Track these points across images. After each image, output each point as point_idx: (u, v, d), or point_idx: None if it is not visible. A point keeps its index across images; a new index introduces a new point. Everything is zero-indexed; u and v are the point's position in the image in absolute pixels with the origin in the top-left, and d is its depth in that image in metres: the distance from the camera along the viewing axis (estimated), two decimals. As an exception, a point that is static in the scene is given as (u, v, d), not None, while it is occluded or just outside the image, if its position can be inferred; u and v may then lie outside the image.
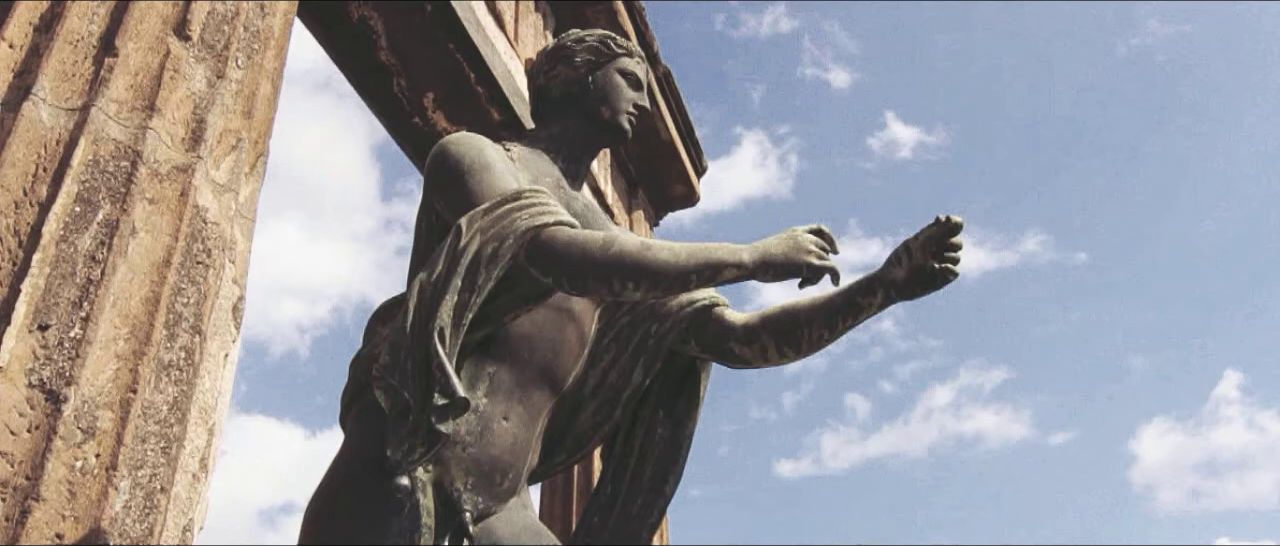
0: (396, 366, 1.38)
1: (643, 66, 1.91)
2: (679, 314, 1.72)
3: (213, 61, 2.27)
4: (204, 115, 2.19)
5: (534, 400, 1.60)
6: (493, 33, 4.38)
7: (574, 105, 1.83)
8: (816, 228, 1.56)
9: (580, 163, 1.84)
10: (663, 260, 1.47)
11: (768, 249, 1.50)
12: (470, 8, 4.08)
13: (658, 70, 5.80)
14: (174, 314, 1.97)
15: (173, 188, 2.06)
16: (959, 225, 1.57)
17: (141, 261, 1.93)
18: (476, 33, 4.10)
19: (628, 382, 1.70)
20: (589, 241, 1.48)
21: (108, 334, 1.83)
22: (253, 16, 2.46)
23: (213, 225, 2.14)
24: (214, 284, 2.10)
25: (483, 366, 1.56)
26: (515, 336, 1.58)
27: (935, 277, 1.59)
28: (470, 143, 1.66)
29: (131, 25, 2.14)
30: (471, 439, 1.52)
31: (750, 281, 1.52)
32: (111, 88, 2.05)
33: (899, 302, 1.63)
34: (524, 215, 1.48)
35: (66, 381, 1.73)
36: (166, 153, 2.08)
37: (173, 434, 1.90)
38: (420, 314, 1.40)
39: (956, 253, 1.58)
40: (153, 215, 1.99)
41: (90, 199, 1.91)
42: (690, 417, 1.78)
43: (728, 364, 1.76)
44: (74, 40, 2.08)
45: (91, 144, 1.96)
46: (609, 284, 1.47)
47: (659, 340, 1.71)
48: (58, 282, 1.80)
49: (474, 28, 4.06)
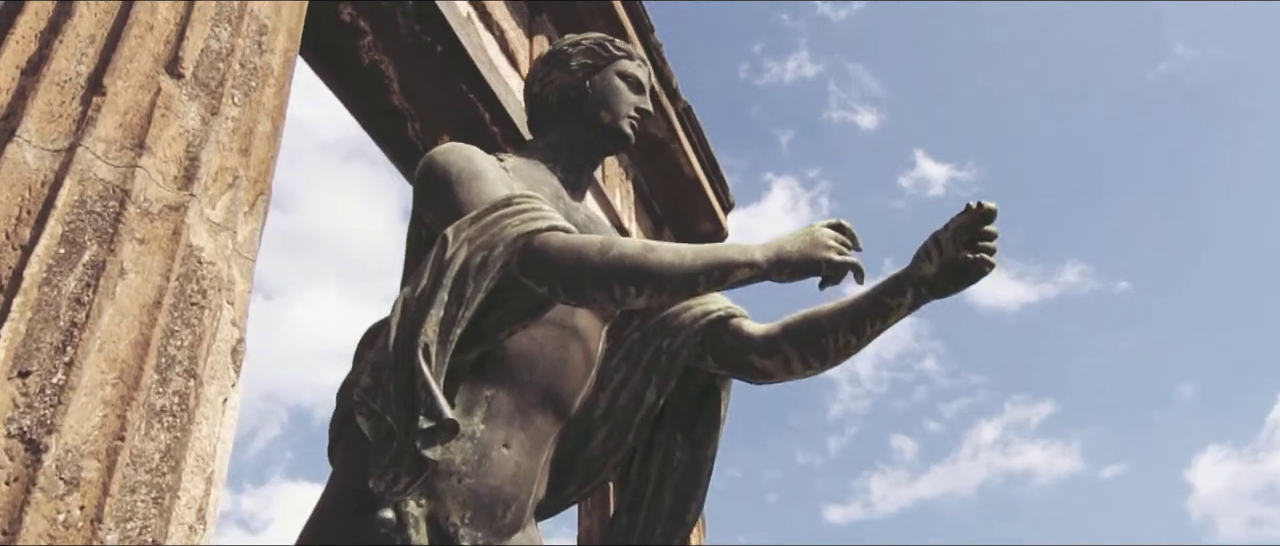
0: (378, 388, 1.27)
1: (644, 69, 1.80)
2: (692, 326, 1.59)
3: (207, 99, 2.21)
4: (197, 153, 2.11)
5: (537, 425, 1.47)
6: (506, 70, 4.33)
7: (572, 112, 1.72)
8: (836, 222, 1.43)
9: (581, 172, 1.72)
10: (667, 262, 1.35)
11: (783, 246, 1.38)
12: (481, 46, 4.03)
13: (678, 105, 5.72)
14: (166, 357, 1.87)
15: (164, 227, 1.97)
16: (992, 211, 1.43)
17: (130, 303, 1.84)
18: (489, 72, 4.04)
19: (640, 404, 1.57)
20: (586, 246, 1.36)
21: (94, 379, 1.73)
22: (249, 54, 2.40)
23: (208, 265, 2.05)
24: (210, 325, 2.01)
25: (479, 390, 1.43)
26: (514, 356, 1.46)
27: (969, 270, 1.44)
28: (460, 151, 1.56)
29: (121, 64, 2.08)
30: (468, 468, 1.39)
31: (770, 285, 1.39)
32: (99, 127, 1.98)
33: (931, 300, 1.48)
34: (515, 221, 1.36)
35: (48, 430, 1.63)
36: (158, 191, 2.00)
37: (165, 483, 1.79)
38: (403, 331, 1.29)
39: (991, 242, 1.44)
40: (143, 255, 1.91)
41: (75, 240, 1.83)
42: (710, 439, 1.63)
43: (748, 378, 1.62)
44: (61, 81, 2.03)
45: (77, 184, 1.89)
46: (609, 290, 1.34)
47: (672, 356, 1.58)
48: (40, 327, 1.71)
49: (486, 67, 4.01)
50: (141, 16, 2.18)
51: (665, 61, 5.59)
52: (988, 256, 1.43)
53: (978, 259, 1.43)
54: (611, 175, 5.42)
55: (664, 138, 5.70)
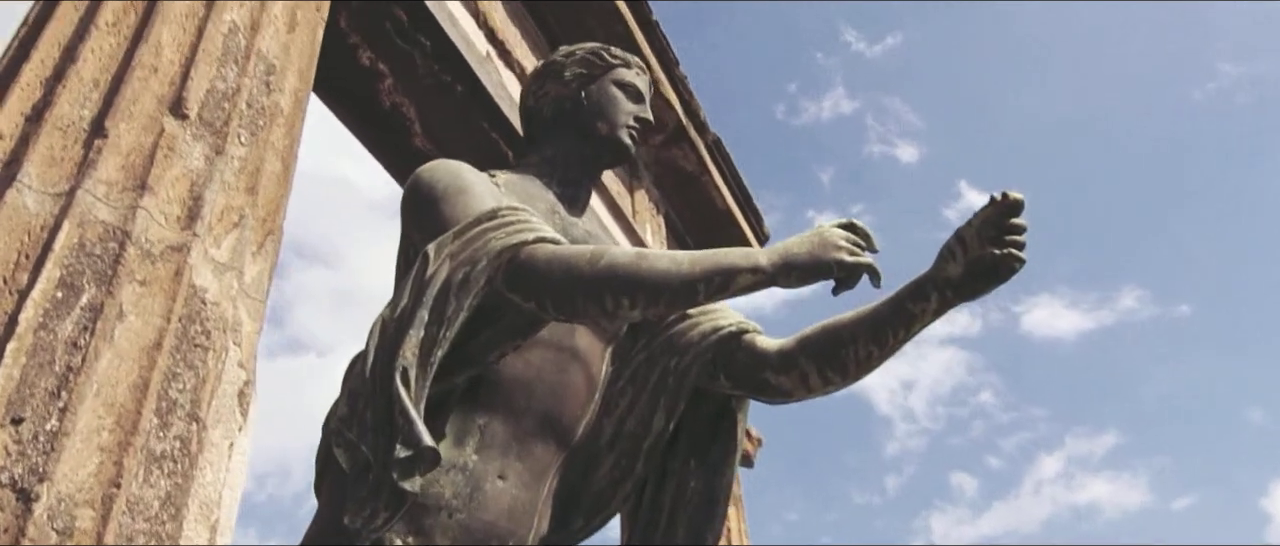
0: (354, 417, 1.19)
1: (644, 78, 1.72)
2: (701, 344, 1.49)
3: (212, 138, 2.18)
4: (201, 192, 2.08)
5: (536, 455, 1.38)
6: (529, 110, 4.30)
7: (567, 123, 1.65)
8: (847, 221, 1.33)
9: (579, 186, 1.64)
10: (662, 269, 1.26)
11: (789, 249, 1.28)
12: (501, 83, 4.00)
13: (707, 138, 5.66)
14: (167, 401, 1.82)
15: (166, 267, 1.93)
16: (1019, 202, 1.32)
17: (130, 346, 1.80)
18: (511, 109, 4.01)
19: (648, 430, 1.47)
20: (575, 257, 1.28)
21: (90, 425, 1.68)
22: (257, 93, 2.37)
23: (212, 305, 2.00)
24: (214, 368, 1.95)
25: (471, 418, 1.35)
26: (509, 381, 1.37)
27: (998, 268, 1.33)
28: (446, 167, 1.50)
29: (123, 106, 2.06)
30: (459, 503, 1.30)
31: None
32: (100, 169, 1.95)
33: (958, 304, 1.37)
34: (499, 235, 1.29)
35: (40, 478, 1.57)
36: (159, 232, 1.96)
37: (165, 531, 1.72)
38: (381, 354, 1.21)
39: (1020, 235, 1.33)
40: (143, 297, 1.86)
41: (73, 283, 1.79)
42: (726, 465, 1.53)
43: (764, 398, 1.52)
44: (64, 125, 2.01)
45: (76, 227, 1.85)
46: (601, 302, 1.26)
47: (680, 377, 1.47)
48: (34, 372, 1.67)
49: (507, 104, 3.98)
50: (145, 59, 2.17)
51: (692, 94, 5.54)
52: (1017, 251, 1.32)
53: (1006, 255, 1.31)
54: (642, 210, 5.36)
55: (694, 171, 5.63)
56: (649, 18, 5.12)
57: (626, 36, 4.98)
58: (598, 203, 4.78)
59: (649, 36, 5.12)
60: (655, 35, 5.18)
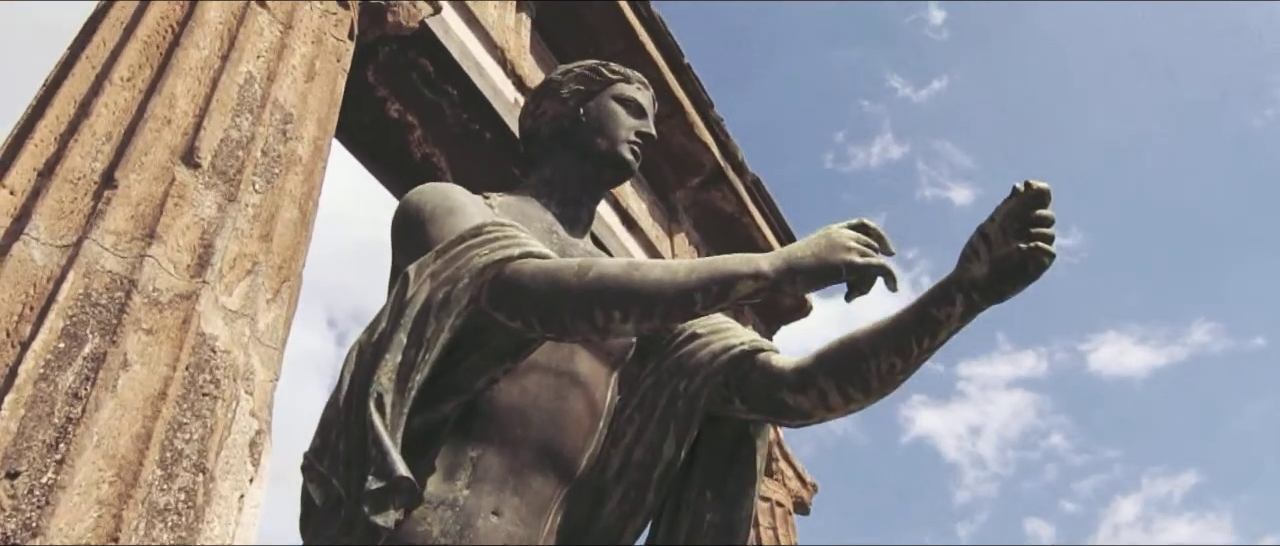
0: (326, 448, 1.11)
1: (645, 93, 1.64)
2: (712, 365, 1.39)
3: (225, 186, 2.15)
4: (212, 240, 2.05)
5: (535, 489, 1.29)
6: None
7: (565, 142, 1.57)
8: (858, 222, 1.23)
9: (579, 205, 1.56)
10: (655, 279, 1.17)
11: (793, 252, 1.18)
12: (531, 130, 3.98)
13: (746, 179, 5.58)
14: (172, 451, 1.76)
15: (174, 316, 1.89)
16: (1044, 191, 1.21)
17: (134, 396, 1.75)
18: (541, 155, 3.97)
19: (658, 459, 1.36)
20: (562, 269, 1.20)
21: (89, 478, 1.63)
22: (273, 141, 2.36)
23: (222, 353, 1.95)
24: (223, 417, 1.90)
25: (463, 450, 1.26)
26: (503, 410, 1.28)
27: (1025, 264, 1.21)
28: (436, 188, 1.43)
29: (134, 157, 2.05)
30: (448, 541, 1.20)
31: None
32: (108, 219, 1.93)
33: (986, 307, 1.25)
34: (484, 251, 1.21)
35: (33, 533, 1.52)
36: (168, 280, 1.93)
37: (167, 587, 1.65)
38: (355, 381, 1.13)
39: (1048, 228, 1.21)
40: (149, 346, 1.82)
41: (76, 333, 1.76)
42: (745, 496, 1.41)
43: (783, 421, 1.41)
44: (74, 178, 2.00)
45: (82, 277, 1.83)
46: (590, 317, 1.17)
47: (690, 400, 1.37)
48: (32, 425, 1.62)
49: (538, 150, 3.94)
50: (158, 110, 2.16)
51: (728, 136, 5.48)
52: (1044, 244, 1.20)
53: (1033, 248, 1.19)
54: (682, 253, 5.27)
55: (734, 212, 5.55)
56: (680, 61, 5.09)
57: (658, 80, 4.95)
58: (633, 245, 4.71)
59: (681, 80, 5.09)
60: (688, 78, 5.14)
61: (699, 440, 1.44)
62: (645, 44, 4.82)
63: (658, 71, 4.95)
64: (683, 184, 5.38)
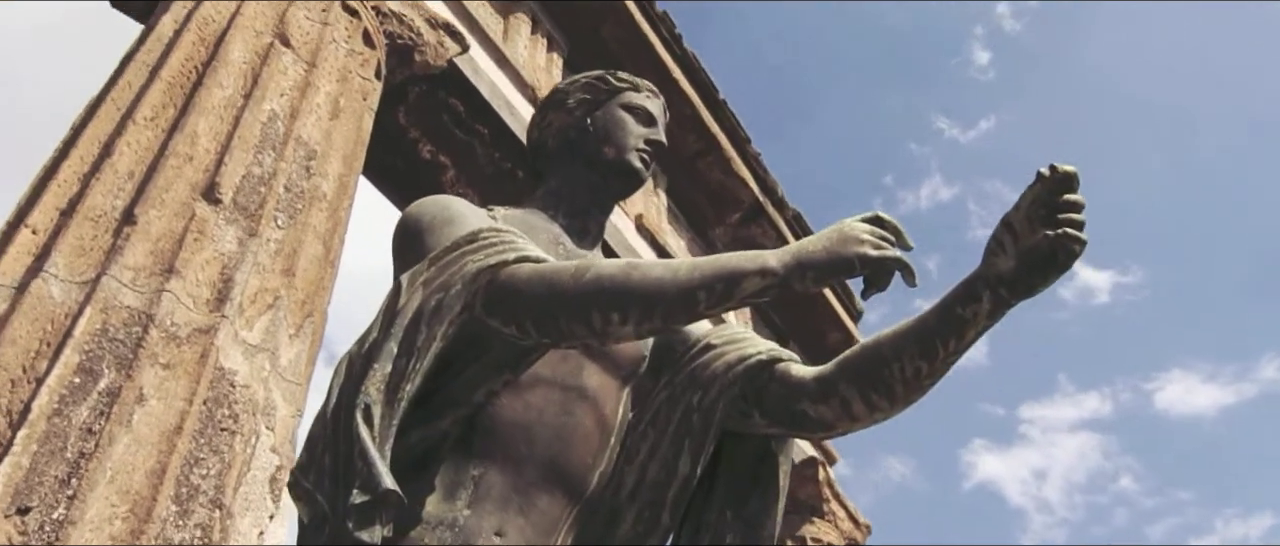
0: (313, 463, 1.05)
1: (656, 102, 1.58)
2: (727, 376, 1.31)
3: (246, 221, 2.14)
4: (232, 274, 2.03)
5: (541, 508, 1.21)
6: (596, 194, 4.23)
7: (572, 152, 1.52)
8: (873, 215, 1.15)
9: (587, 216, 1.50)
10: (655, 278, 1.10)
11: (803, 247, 1.11)
12: (563, 167, 3.95)
13: (786, 214, 5.50)
14: (188, 487, 1.72)
15: (191, 350, 1.87)
16: (1070, 174, 1.12)
17: (149, 430, 1.72)
18: (575, 193, 3.94)
19: (673, 476, 1.28)
20: (558, 272, 1.13)
21: (100, 513, 1.59)
22: (296, 178, 2.35)
23: (242, 388, 1.92)
24: (242, 452, 1.86)
25: (464, 469, 1.19)
26: (506, 426, 1.21)
27: (1055, 253, 1.11)
28: (436, 200, 1.38)
29: (155, 194, 2.05)
30: None
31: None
32: (127, 255, 1.92)
33: (1015, 303, 1.16)
34: (478, 256, 1.15)
35: (41, 570, 1.48)
36: (186, 314, 1.91)
37: (180, 626, 1.60)
38: (343, 394, 1.08)
39: (1077, 213, 1.12)
40: (166, 380, 1.80)
41: (92, 368, 1.73)
42: (767, 516, 1.32)
43: (804, 433, 1.32)
44: (95, 216, 2.00)
45: (99, 312, 1.81)
46: (587, 320, 1.10)
47: (705, 414, 1.29)
48: (45, 460, 1.60)
49: (571, 187, 3.92)
50: (180, 148, 2.16)
51: (767, 171, 5.41)
52: (1073, 230, 1.11)
53: (1062, 235, 1.10)
54: (723, 291, 5.19)
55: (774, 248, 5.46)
56: (715, 96, 5.06)
57: (693, 116, 4.92)
58: (673, 283, 4.64)
59: (717, 115, 5.05)
60: (723, 114, 5.11)
61: (719, 458, 1.36)
62: (679, 80, 4.80)
63: (693, 108, 4.92)
64: (722, 220, 5.32)
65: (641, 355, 1.39)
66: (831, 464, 5.55)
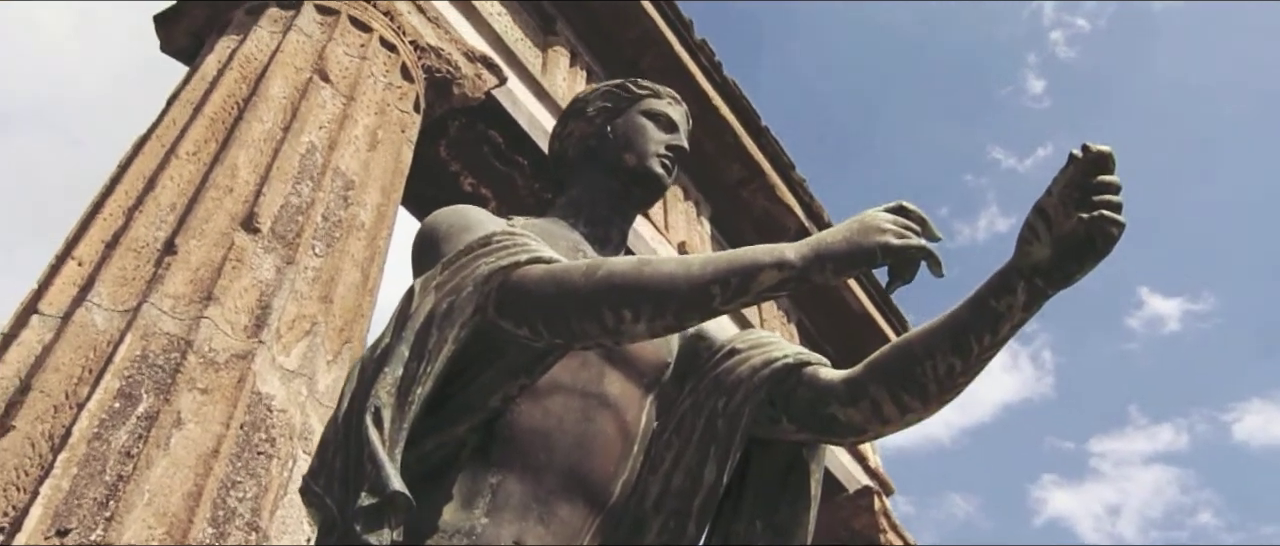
0: (323, 468, 1.04)
1: (678, 109, 1.57)
2: (752, 380, 1.27)
3: (283, 250, 2.17)
4: (270, 301, 2.05)
5: (562, 518, 1.18)
6: (640, 224, 4.23)
7: (593, 160, 1.50)
8: (896, 205, 1.12)
9: (609, 225, 1.48)
10: (667, 273, 1.08)
11: (822, 238, 1.08)
12: (604, 196, 3.96)
13: (833, 239, 5.44)
14: (224, 509, 1.73)
15: (229, 375, 1.89)
16: (1105, 154, 1.08)
17: (186, 453, 1.74)
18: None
19: (698, 485, 1.24)
20: (569, 271, 1.12)
21: (138, 535, 1.60)
22: (334, 207, 2.38)
23: (279, 413, 1.93)
24: (278, 476, 1.87)
25: (482, 477, 1.17)
26: (525, 433, 1.19)
27: (1091, 236, 1.07)
28: (455, 209, 1.38)
29: (195, 225, 2.09)
30: None
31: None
32: (167, 284, 1.96)
33: (1052, 293, 1.12)
34: (490, 258, 1.14)
35: (78, 590, 1.50)
36: (224, 341, 1.93)
37: (215, 648, 1.60)
38: (355, 398, 1.07)
39: (1114, 195, 1.08)
40: (203, 405, 1.82)
41: (131, 393, 1.76)
42: (797, 525, 1.28)
43: (834, 438, 1.28)
44: (138, 247, 2.04)
45: (140, 339, 1.84)
46: (599, 319, 1.08)
47: (730, 420, 1.26)
48: (84, 483, 1.62)
49: (612, 216, 3.92)
50: (221, 180, 2.21)
51: (812, 197, 5.37)
52: (1110, 212, 1.06)
53: (1098, 218, 1.05)
54: (771, 319, 5.14)
55: (823, 274, 5.41)
56: (757, 124, 5.05)
57: (735, 145, 4.91)
58: (718, 310, 4.61)
59: (759, 142, 5.04)
60: (766, 140, 5.09)
61: (748, 467, 1.32)
62: (719, 108, 4.80)
63: (734, 135, 4.92)
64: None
65: (665, 362, 1.37)
66: (888, 494, 5.41)
